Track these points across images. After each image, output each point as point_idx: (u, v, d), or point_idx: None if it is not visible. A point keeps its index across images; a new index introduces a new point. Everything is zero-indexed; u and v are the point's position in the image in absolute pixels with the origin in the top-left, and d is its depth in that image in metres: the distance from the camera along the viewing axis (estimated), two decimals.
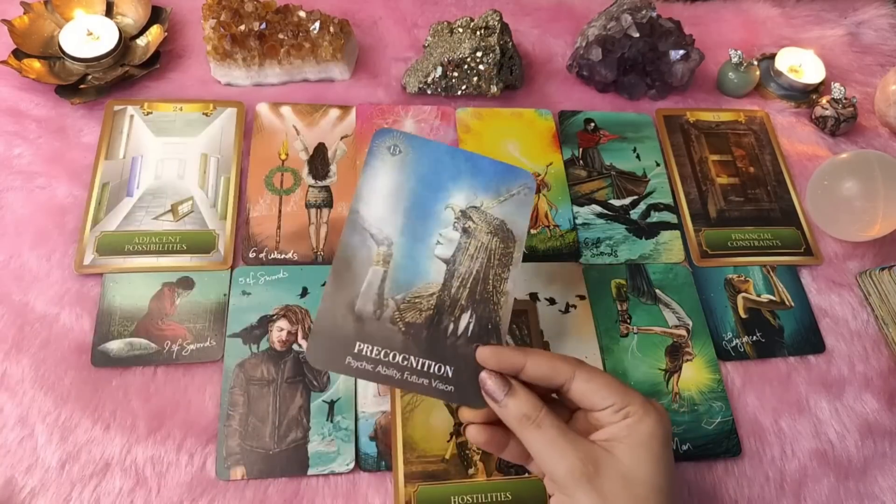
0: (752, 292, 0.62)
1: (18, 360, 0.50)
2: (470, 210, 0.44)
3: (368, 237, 0.42)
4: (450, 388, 0.40)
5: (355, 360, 0.40)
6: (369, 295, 0.41)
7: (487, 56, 0.66)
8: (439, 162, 0.45)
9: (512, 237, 0.45)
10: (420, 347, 0.41)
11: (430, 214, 0.44)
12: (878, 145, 0.74)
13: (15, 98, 0.63)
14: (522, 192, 0.46)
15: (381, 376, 0.40)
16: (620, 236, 0.63)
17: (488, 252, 0.44)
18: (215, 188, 0.60)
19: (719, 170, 0.69)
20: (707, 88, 0.76)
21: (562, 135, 0.69)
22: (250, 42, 0.65)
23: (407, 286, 0.42)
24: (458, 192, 0.45)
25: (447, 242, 0.44)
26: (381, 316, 0.41)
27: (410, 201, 0.44)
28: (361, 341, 0.40)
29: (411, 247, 0.43)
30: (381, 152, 0.45)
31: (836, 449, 0.55)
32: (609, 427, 0.37)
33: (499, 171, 0.46)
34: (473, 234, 0.44)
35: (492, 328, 0.42)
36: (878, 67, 0.81)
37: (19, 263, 0.54)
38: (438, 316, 0.42)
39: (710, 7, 0.83)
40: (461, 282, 0.43)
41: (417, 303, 0.42)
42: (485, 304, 0.43)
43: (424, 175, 0.45)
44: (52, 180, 0.59)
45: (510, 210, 0.45)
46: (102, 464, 0.47)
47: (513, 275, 0.44)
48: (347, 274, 0.41)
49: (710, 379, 0.56)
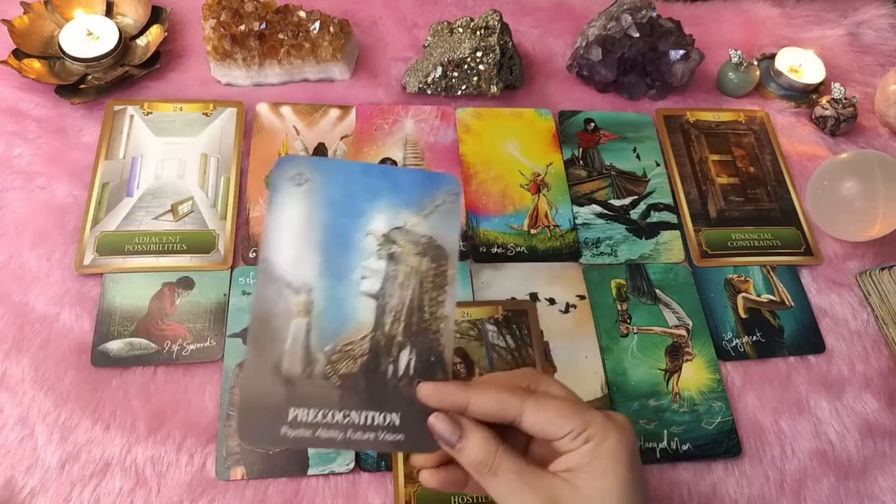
0: (752, 292, 0.62)
1: (18, 360, 0.50)
2: (393, 233, 0.39)
3: (284, 287, 0.37)
4: (399, 437, 0.36)
5: (291, 429, 0.35)
6: (295, 353, 0.36)
7: (487, 56, 0.66)
8: (352, 183, 0.40)
9: (443, 253, 0.40)
10: (360, 399, 0.37)
11: (350, 246, 0.38)
12: (878, 145, 0.74)
13: (15, 98, 0.63)
14: (448, 200, 0.41)
15: (322, 440, 0.36)
16: (620, 236, 0.63)
17: (419, 276, 0.39)
18: (215, 188, 0.60)
19: (719, 170, 0.69)
20: (707, 88, 0.76)
21: (562, 135, 0.69)
22: (250, 42, 0.65)
23: (335, 334, 0.37)
24: (377, 215, 0.39)
25: (372, 275, 0.38)
26: (311, 373, 0.36)
27: (325, 235, 0.38)
28: (295, 406, 0.36)
29: (333, 288, 0.38)
30: (285, 185, 0.38)
31: (836, 449, 0.55)
32: (569, 455, 0.35)
33: (418, 181, 0.41)
34: (400, 260, 0.39)
35: (435, 361, 0.38)
36: (878, 67, 0.81)
37: (19, 263, 0.54)
38: (375, 360, 0.37)
39: (710, 7, 0.83)
40: (394, 316, 0.38)
41: (349, 350, 0.37)
42: (424, 336, 0.38)
43: (337, 201, 0.39)
44: (52, 180, 0.59)
45: (437, 223, 0.40)
46: (102, 464, 0.47)
47: (450, 295, 0.39)
48: (267, 333, 0.36)
49: (710, 379, 0.56)
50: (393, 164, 0.64)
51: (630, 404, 0.54)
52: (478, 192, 0.63)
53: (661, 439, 0.53)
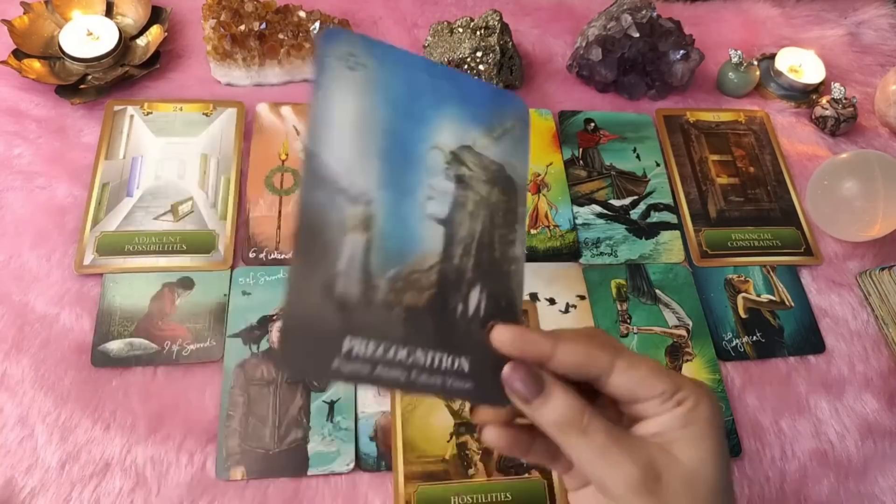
0: (752, 292, 0.62)
1: (18, 360, 0.50)
2: (462, 151, 0.33)
3: (337, 192, 0.29)
4: (467, 385, 0.31)
5: (346, 363, 0.28)
6: (351, 273, 0.29)
7: (487, 56, 0.66)
8: (416, 81, 0.32)
9: (514, 187, 0.35)
10: (427, 337, 0.30)
11: (414, 157, 0.32)
12: (878, 145, 0.74)
13: (15, 98, 0.63)
14: (518, 128, 0.36)
15: (383, 379, 0.29)
16: (620, 236, 0.63)
17: (489, 207, 0.33)
18: (215, 188, 0.60)
19: (719, 170, 0.69)
20: (707, 88, 0.76)
21: (562, 135, 0.69)
22: (250, 42, 0.65)
23: (399, 258, 0.30)
24: (444, 126, 0.33)
25: (440, 196, 0.32)
26: (371, 300, 0.30)
27: (387, 138, 0.31)
28: (352, 336, 0.29)
29: (397, 204, 0.31)
30: (336, 67, 0.30)
31: (836, 449, 0.55)
32: (659, 418, 0.30)
33: (488, 95, 0.35)
34: (470, 185, 0.33)
35: (506, 306, 0.32)
36: (878, 67, 0.81)
37: (19, 263, 0.54)
38: (443, 295, 0.31)
39: (710, 7, 0.83)
40: (464, 248, 0.32)
41: (415, 280, 0.31)
42: (495, 276, 0.32)
43: (398, 100, 0.32)
44: (52, 180, 0.59)
45: (507, 150, 0.35)
46: (102, 464, 0.47)
47: (520, 235, 0.34)
48: (317, 247, 0.29)
49: (710, 379, 0.56)
50: None
51: None
52: None
53: None
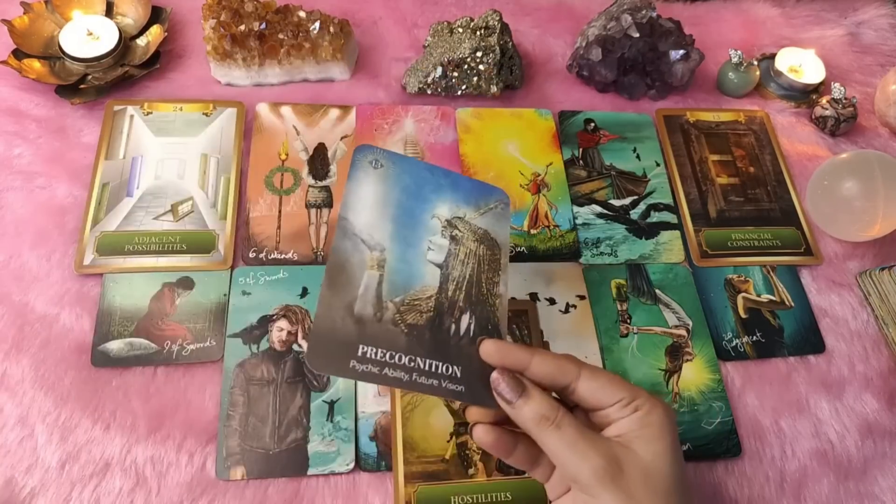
0: (752, 292, 0.62)
1: (18, 360, 0.50)
2: (455, 220, 0.45)
3: (360, 242, 0.42)
4: (460, 387, 0.39)
5: (360, 364, 0.38)
6: (367, 298, 0.40)
7: (487, 56, 0.66)
8: (420, 176, 0.46)
9: (497, 244, 0.46)
10: (425, 348, 0.40)
11: (418, 222, 0.44)
12: (878, 145, 0.74)
13: (15, 98, 0.63)
14: (499, 207, 0.47)
15: (389, 378, 0.38)
16: (620, 236, 0.63)
17: (477, 258, 0.44)
18: (215, 188, 0.60)
19: (719, 170, 0.69)
20: (707, 88, 0.76)
21: (562, 135, 0.69)
22: (250, 42, 0.65)
23: (405, 289, 0.41)
24: (441, 204, 0.45)
25: (438, 248, 0.44)
26: (382, 318, 0.40)
27: (398, 210, 0.44)
28: (365, 344, 0.39)
29: (404, 251, 0.43)
30: (364, 166, 0.45)
31: (836, 449, 0.55)
32: (620, 422, 0.37)
33: (475, 187, 0.48)
34: (461, 242, 0.45)
35: (492, 328, 0.42)
36: (878, 67, 0.81)
37: (19, 263, 0.54)
38: (439, 317, 0.41)
39: (710, 7, 0.83)
40: (456, 285, 0.43)
41: (417, 305, 0.41)
42: (482, 306, 0.43)
43: (408, 186, 0.45)
44: (52, 180, 0.59)
45: (490, 222, 0.46)
46: (102, 464, 0.47)
47: (503, 279, 0.44)
48: (342, 277, 0.40)
49: (710, 379, 0.56)
50: None
51: None
52: None
53: None
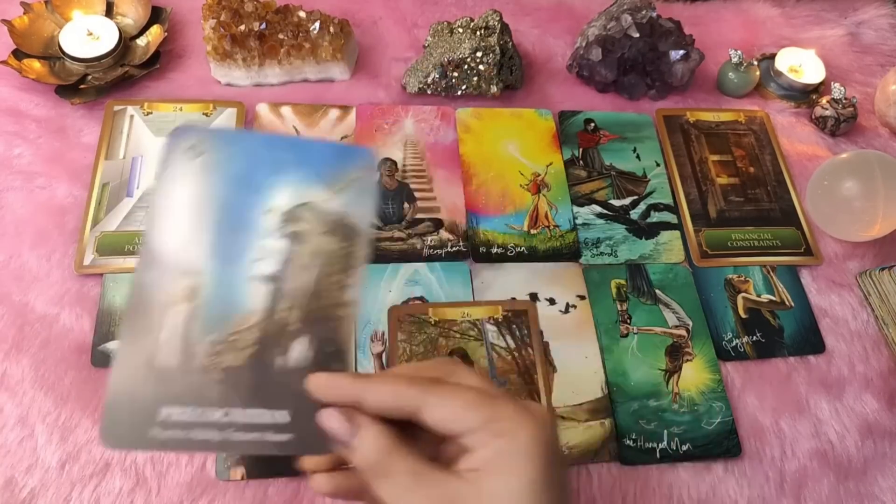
0: (752, 292, 0.62)
1: (18, 361, 0.50)
2: (298, 209, 0.35)
3: (167, 271, 0.33)
4: (287, 437, 0.32)
5: (163, 430, 0.31)
6: (172, 344, 0.32)
7: (487, 56, 0.66)
8: (254, 156, 0.36)
9: (355, 231, 0.36)
10: (244, 395, 0.32)
11: (246, 224, 0.35)
12: (878, 145, 0.74)
13: (15, 98, 0.63)
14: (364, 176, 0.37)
15: (196, 442, 0.31)
16: (620, 236, 0.63)
17: (325, 256, 0.35)
18: None
19: (719, 170, 0.69)
20: (707, 88, 0.76)
21: (562, 135, 0.69)
22: (250, 42, 0.65)
23: (221, 323, 0.33)
24: (281, 191, 0.35)
25: (269, 256, 0.35)
26: (189, 367, 0.32)
27: (221, 212, 0.35)
28: (168, 404, 0.31)
29: (223, 271, 0.34)
30: (178, 157, 0.35)
31: (836, 449, 0.55)
32: (474, 452, 0.30)
33: (331, 153, 0.37)
34: (305, 239, 0.35)
35: (334, 352, 0.34)
36: (878, 67, 0.81)
37: (19, 263, 0.54)
38: (264, 351, 0.33)
39: (710, 7, 0.83)
40: (291, 302, 0.34)
41: (235, 341, 0.33)
42: (323, 324, 0.34)
43: (236, 175, 0.35)
44: (52, 180, 0.59)
45: (350, 199, 0.36)
46: (102, 464, 0.47)
47: (355, 280, 0.35)
48: (143, 322, 0.33)
49: (710, 379, 0.56)
50: (392, 164, 0.64)
51: (630, 404, 0.54)
52: (478, 192, 0.63)
53: (661, 439, 0.53)
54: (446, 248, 0.60)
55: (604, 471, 0.52)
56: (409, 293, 0.57)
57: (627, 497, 0.51)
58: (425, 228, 0.61)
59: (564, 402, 0.54)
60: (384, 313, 0.55)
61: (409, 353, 0.54)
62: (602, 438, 0.52)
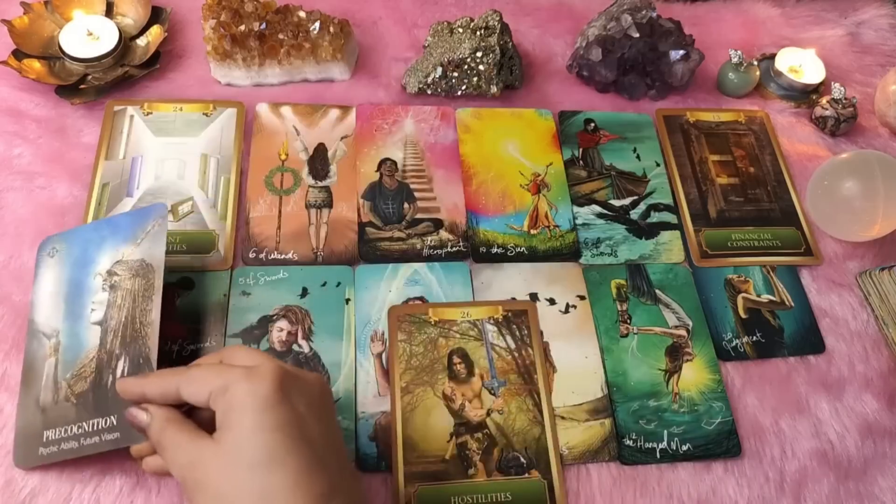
0: (752, 292, 0.62)
1: (18, 361, 0.50)
2: (114, 266, 0.49)
3: (41, 337, 0.48)
4: (115, 435, 0.43)
5: (45, 448, 0.45)
6: (48, 386, 0.46)
7: (487, 56, 0.66)
8: (86, 240, 0.50)
9: (152, 269, 0.48)
10: (89, 410, 0.45)
11: (84, 289, 0.48)
12: (878, 145, 0.74)
13: (15, 98, 0.63)
14: (156, 225, 0.49)
15: (64, 451, 0.44)
16: (620, 236, 0.63)
17: (132, 295, 0.48)
18: (215, 188, 0.60)
19: (719, 170, 0.69)
20: (707, 88, 0.76)
21: (562, 135, 0.69)
22: (250, 42, 0.65)
23: (73, 363, 0.46)
24: (103, 258, 0.49)
25: (99, 306, 0.48)
26: (58, 399, 0.46)
27: (68, 287, 0.49)
28: (47, 429, 0.45)
29: (72, 326, 0.47)
30: (43, 260, 0.50)
31: (836, 449, 0.55)
32: (217, 414, 0.37)
33: (133, 219, 0.50)
34: (119, 286, 0.48)
35: (143, 362, 0.45)
36: (878, 67, 0.81)
37: (19, 263, 0.54)
38: (99, 374, 0.46)
39: (710, 7, 0.83)
40: (114, 334, 0.47)
41: (81, 372, 0.46)
42: (135, 343, 0.46)
43: (77, 258, 0.50)
44: (52, 180, 0.59)
45: (147, 246, 0.49)
46: (102, 464, 0.47)
47: (155, 303, 0.47)
48: (32, 375, 0.47)
49: (710, 379, 0.56)
50: (392, 164, 0.64)
51: (630, 404, 0.54)
52: (478, 192, 0.63)
53: (661, 439, 0.53)
54: (446, 248, 0.60)
55: (604, 471, 0.52)
56: (409, 293, 0.57)
57: (627, 497, 0.51)
58: (425, 228, 0.61)
59: (564, 402, 0.54)
60: (384, 313, 0.55)
61: (408, 353, 0.54)
62: (602, 438, 0.52)
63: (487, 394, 0.53)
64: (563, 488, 0.50)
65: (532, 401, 0.53)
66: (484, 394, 0.53)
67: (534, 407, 0.53)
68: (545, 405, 0.53)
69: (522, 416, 0.52)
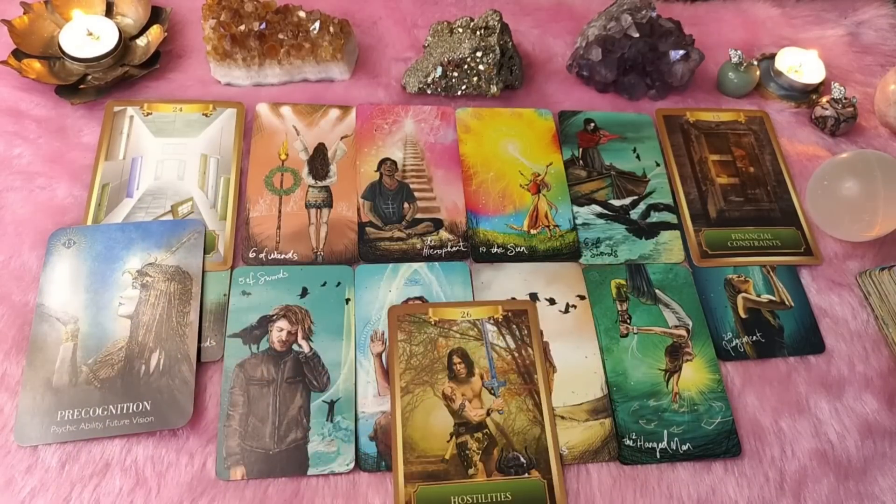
0: (752, 292, 0.62)
1: (18, 361, 0.50)
2: (146, 267, 0.53)
3: (54, 321, 0.50)
4: (150, 419, 0.48)
5: (59, 427, 0.47)
6: (63, 369, 0.49)
7: (487, 56, 0.66)
8: (112, 239, 0.54)
9: (189, 277, 0.53)
10: (118, 395, 0.48)
11: (110, 283, 0.52)
12: (878, 145, 0.74)
13: (15, 98, 0.63)
14: (192, 238, 0.55)
15: (86, 431, 0.47)
16: (620, 236, 0.63)
17: (168, 296, 0.52)
18: (215, 188, 0.60)
19: (719, 170, 0.69)
20: (707, 88, 0.76)
21: (562, 135, 0.69)
22: (250, 42, 0.65)
23: (96, 350, 0.50)
24: (132, 258, 0.53)
25: (129, 301, 0.52)
26: (77, 382, 0.48)
27: (90, 278, 0.52)
28: (63, 409, 0.47)
29: (95, 316, 0.51)
30: (57, 249, 0.53)
31: (836, 449, 0.55)
32: None
33: (167, 228, 0.55)
34: (151, 286, 0.52)
35: (181, 357, 0.50)
36: (878, 67, 0.81)
37: (19, 263, 0.54)
38: (129, 363, 0.49)
39: (710, 7, 0.83)
40: (146, 329, 0.51)
41: (108, 359, 0.49)
42: (172, 340, 0.50)
43: (100, 253, 0.53)
44: (52, 180, 0.59)
45: (183, 255, 0.54)
46: (102, 464, 0.47)
47: (194, 307, 0.52)
48: (41, 357, 0.49)
49: (710, 379, 0.56)
50: (392, 164, 0.64)
51: (630, 404, 0.54)
52: (478, 192, 0.63)
53: (661, 439, 0.53)
54: (446, 248, 0.60)
55: (604, 470, 0.52)
56: (409, 293, 0.57)
57: (627, 497, 0.51)
58: (425, 228, 0.61)
59: (564, 401, 0.54)
60: (384, 313, 0.55)
61: (408, 352, 0.54)
62: (602, 438, 0.52)
63: (487, 394, 0.53)
64: (563, 488, 0.50)
65: (532, 401, 0.53)
66: (484, 394, 0.53)
67: (534, 407, 0.53)
68: (545, 405, 0.53)
69: (522, 416, 0.52)
